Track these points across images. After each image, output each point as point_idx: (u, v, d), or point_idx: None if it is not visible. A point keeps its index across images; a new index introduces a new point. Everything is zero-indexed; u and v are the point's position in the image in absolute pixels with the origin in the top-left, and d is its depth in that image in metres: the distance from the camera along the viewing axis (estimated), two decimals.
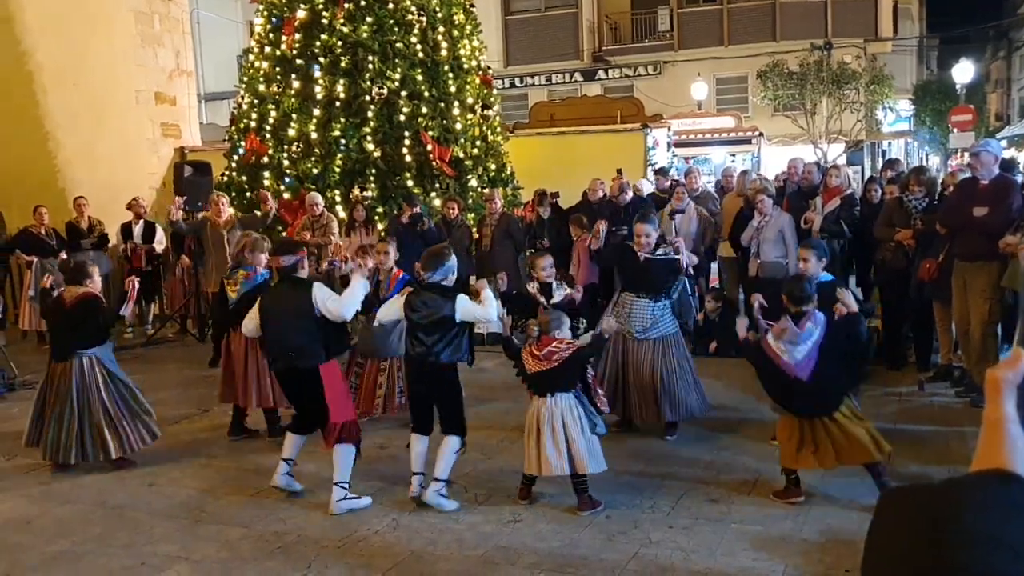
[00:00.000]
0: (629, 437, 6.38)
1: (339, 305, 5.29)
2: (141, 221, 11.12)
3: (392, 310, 5.40)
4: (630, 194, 9.65)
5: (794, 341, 4.82)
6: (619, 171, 10.42)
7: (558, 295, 6.31)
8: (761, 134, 22.68)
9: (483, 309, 5.16)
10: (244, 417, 6.74)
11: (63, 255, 9.87)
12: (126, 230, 11.14)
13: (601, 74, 29.14)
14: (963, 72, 26.58)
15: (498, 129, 12.49)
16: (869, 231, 8.14)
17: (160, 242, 11.16)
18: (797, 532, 4.63)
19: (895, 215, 7.88)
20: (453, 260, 5.27)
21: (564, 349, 5.04)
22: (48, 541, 4.94)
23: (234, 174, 11.45)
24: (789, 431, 4.99)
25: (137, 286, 6.30)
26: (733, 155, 22.57)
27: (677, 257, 6.24)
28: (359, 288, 5.43)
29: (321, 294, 5.31)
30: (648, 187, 10.03)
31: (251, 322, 5.53)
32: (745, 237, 8.70)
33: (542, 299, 6.29)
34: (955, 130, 23.58)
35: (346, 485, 5.21)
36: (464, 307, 5.09)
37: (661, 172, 11.93)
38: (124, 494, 5.66)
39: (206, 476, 5.94)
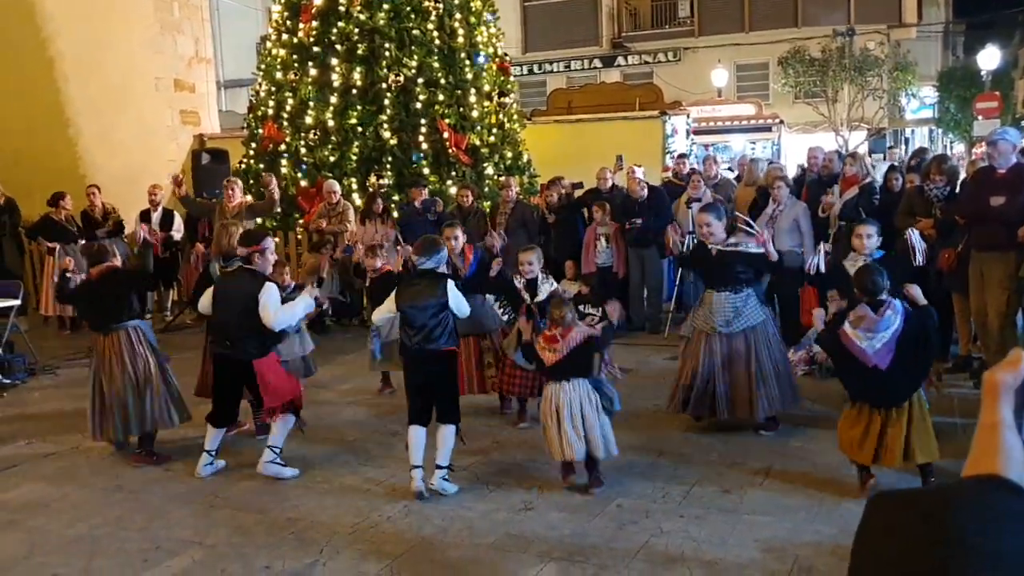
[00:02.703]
0: (642, 426, 6.37)
1: (273, 315, 5.38)
2: (159, 208, 11.18)
3: (384, 310, 5.42)
4: (646, 190, 9.59)
5: (872, 329, 4.72)
6: (619, 157, 10.36)
7: (543, 291, 6.25)
8: (781, 121, 22.53)
9: (462, 301, 5.25)
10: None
11: (83, 242, 9.94)
12: (144, 217, 11.22)
13: (620, 60, 29.01)
14: (989, 58, 26.19)
15: (515, 116, 12.45)
16: (889, 220, 8.05)
17: (178, 229, 11.22)
18: (809, 523, 4.61)
19: (915, 204, 7.78)
20: (444, 251, 5.34)
21: (575, 336, 5.05)
22: (66, 524, 5.00)
23: (252, 161, 11.49)
24: (852, 421, 4.88)
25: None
26: (753, 142, 22.43)
27: (756, 251, 5.95)
28: (300, 306, 5.55)
29: (266, 297, 5.40)
30: (640, 173, 9.97)
31: (205, 300, 5.72)
32: (759, 226, 8.64)
33: (527, 295, 6.26)
34: (980, 117, 23.26)
35: (277, 450, 5.58)
36: (452, 292, 5.16)
37: (681, 157, 11.86)
38: (141, 479, 5.72)
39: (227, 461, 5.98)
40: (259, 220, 9.57)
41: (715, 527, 4.62)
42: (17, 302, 8.78)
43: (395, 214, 9.95)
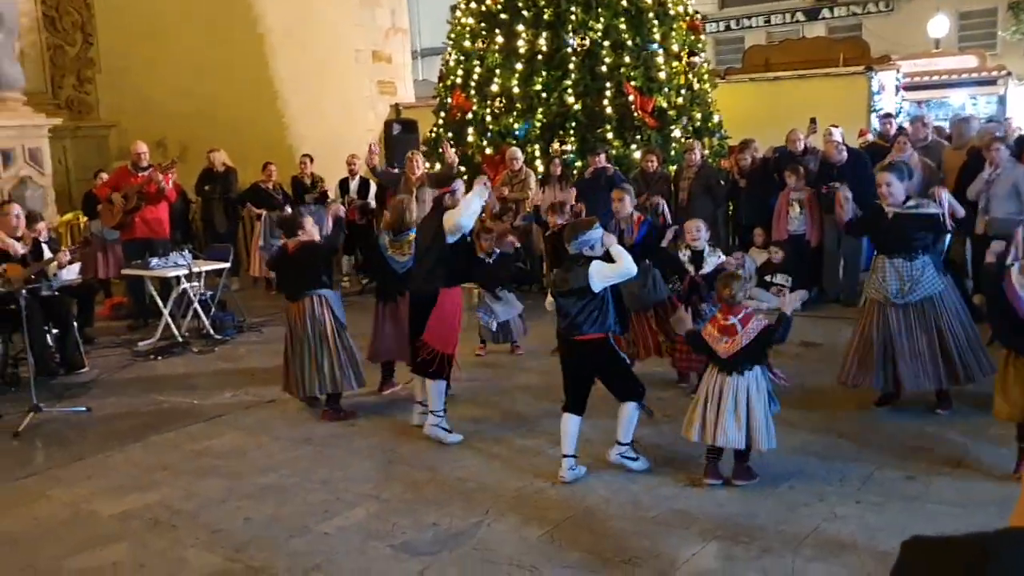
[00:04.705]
0: (823, 405, 6.06)
1: (454, 218, 5.49)
2: (357, 176, 11.75)
3: (550, 296, 5.28)
4: (845, 153, 9.00)
5: None
6: (813, 120, 9.78)
7: (710, 263, 5.94)
8: (1009, 74, 20.45)
9: (616, 267, 4.87)
10: (393, 372, 6.93)
11: (288, 209, 10.62)
12: (343, 185, 11.84)
13: (825, 13, 27.32)
14: None
15: (705, 77, 12.05)
16: None
17: (375, 197, 11.74)
18: (1002, 519, 4.19)
19: None
20: (595, 233, 4.95)
21: (754, 326, 4.76)
22: (260, 472, 5.40)
23: (441, 130, 11.80)
24: (1012, 379, 4.59)
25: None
26: (974, 98, 20.53)
27: (934, 212, 5.56)
28: (474, 198, 5.59)
29: (446, 215, 5.56)
30: (838, 135, 9.33)
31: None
32: (973, 190, 7.94)
33: (691, 268, 6.02)
34: None
35: (440, 414, 5.71)
36: (597, 271, 4.84)
37: (887, 116, 11.10)
38: (327, 433, 6.08)
39: (400, 421, 6.24)
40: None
41: (894, 516, 4.33)
42: (227, 264, 9.52)
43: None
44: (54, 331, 7.73)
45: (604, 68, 10.86)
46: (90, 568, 4.23)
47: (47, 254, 7.71)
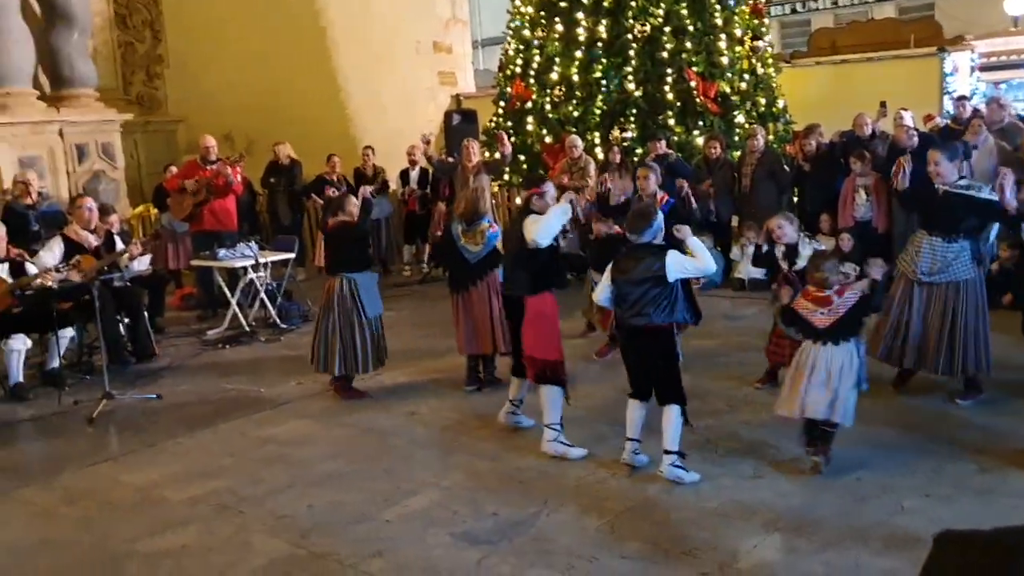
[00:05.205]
0: (890, 394, 5.92)
1: (534, 231, 5.29)
2: (417, 167, 11.83)
3: (602, 286, 5.05)
4: (916, 138, 8.73)
5: None
6: (883, 104, 9.50)
7: (804, 255, 5.76)
8: None
9: (696, 261, 4.82)
10: (477, 368, 6.80)
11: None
12: (404, 176, 11.93)
13: None
14: None
15: (769, 61, 11.83)
16: None
17: (431, 187, 11.79)
18: None
19: None
20: (659, 219, 4.88)
21: (852, 295, 4.74)
22: (324, 460, 5.48)
23: (500, 120, 11.81)
24: None
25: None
26: None
27: (985, 197, 5.42)
28: (555, 214, 5.33)
29: (527, 220, 5.41)
30: (909, 119, 9.05)
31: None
32: None
33: (785, 264, 5.88)
34: None
35: (556, 427, 5.31)
36: (674, 262, 4.74)
37: (961, 99, 10.76)
38: (389, 422, 6.14)
39: (462, 409, 6.29)
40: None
41: (965, 509, 4.22)
42: (293, 255, 9.67)
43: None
44: (126, 321, 7.97)
45: (665, 54, 10.73)
46: (160, 551, 4.35)
47: (119, 246, 7.94)
